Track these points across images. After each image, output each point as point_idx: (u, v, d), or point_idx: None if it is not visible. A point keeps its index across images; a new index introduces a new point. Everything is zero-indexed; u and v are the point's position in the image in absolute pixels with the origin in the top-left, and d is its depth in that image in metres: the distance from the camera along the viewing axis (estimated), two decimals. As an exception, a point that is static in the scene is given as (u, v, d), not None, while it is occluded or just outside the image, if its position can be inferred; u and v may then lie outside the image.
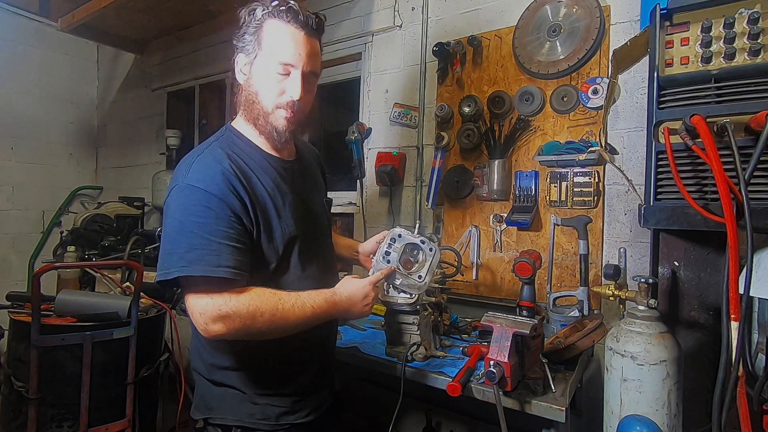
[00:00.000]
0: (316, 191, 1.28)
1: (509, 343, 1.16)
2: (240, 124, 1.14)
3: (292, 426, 1.10)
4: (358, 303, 1.11)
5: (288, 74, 1.05)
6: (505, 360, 1.15)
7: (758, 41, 0.93)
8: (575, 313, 1.61)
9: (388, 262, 1.22)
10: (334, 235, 1.40)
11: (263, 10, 1.06)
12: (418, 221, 1.88)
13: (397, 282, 1.25)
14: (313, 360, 1.17)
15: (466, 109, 2.10)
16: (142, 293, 1.81)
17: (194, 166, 1.01)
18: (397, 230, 1.24)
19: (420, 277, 1.22)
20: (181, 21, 3.17)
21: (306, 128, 1.19)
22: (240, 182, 1.01)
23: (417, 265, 1.25)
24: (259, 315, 0.96)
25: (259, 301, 0.97)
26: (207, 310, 0.94)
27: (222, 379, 1.10)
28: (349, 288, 1.12)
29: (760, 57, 0.93)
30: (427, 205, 2.22)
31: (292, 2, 1.06)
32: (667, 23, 1.05)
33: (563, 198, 1.89)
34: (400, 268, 1.23)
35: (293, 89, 1.05)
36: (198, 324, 0.95)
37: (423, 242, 1.23)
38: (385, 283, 1.31)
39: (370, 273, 1.33)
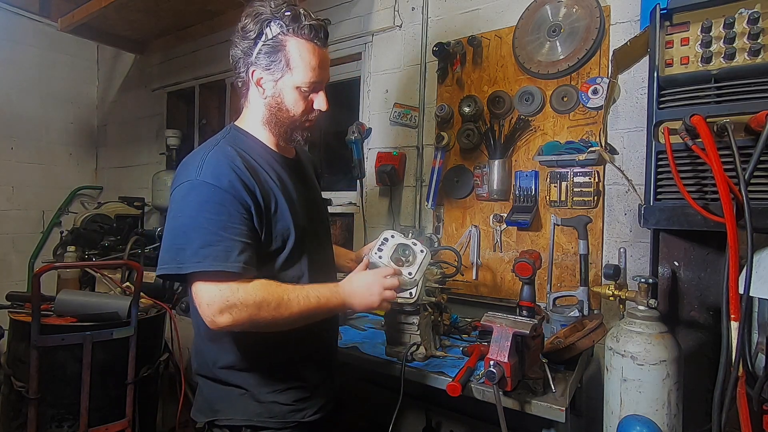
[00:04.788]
0: (315, 189, 1.32)
1: (509, 343, 1.16)
2: (246, 123, 1.16)
3: (299, 424, 1.11)
4: (363, 293, 1.11)
5: (315, 91, 1.11)
6: (505, 360, 1.16)
7: (758, 41, 0.93)
8: (575, 313, 1.61)
9: (380, 258, 1.23)
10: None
11: (280, 27, 1.04)
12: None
13: None
14: (315, 354, 1.18)
15: (466, 109, 2.10)
16: (142, 293, 1.81)
17: (206, 163, 1.01)
18: (389, 232, 1.26)
19: (410, 273, 1.23)
20: (181, 21, 3.17)
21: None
22: (251, 177, 1.03)
23: (408, 264, 1.26)
24: (265, 305, 0.96)
25: (266, 292, 0.97)
26: (215, 300, 0.94)
27: (227, 378, 1.10)
28: (354, 279, 1.13)
29: (760, 57, 0.93)
30: (427, 205, 2.22)
31: (304, 12, 1.06)
32: (667, 23, 1.05)
33: (563, 198, 1.88)
34: (391, 264, 1.24)
35: (323, 104, 1.12)
36: (206, 316, 0.95)
37: (414, 244, 1.25)
38: None
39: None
